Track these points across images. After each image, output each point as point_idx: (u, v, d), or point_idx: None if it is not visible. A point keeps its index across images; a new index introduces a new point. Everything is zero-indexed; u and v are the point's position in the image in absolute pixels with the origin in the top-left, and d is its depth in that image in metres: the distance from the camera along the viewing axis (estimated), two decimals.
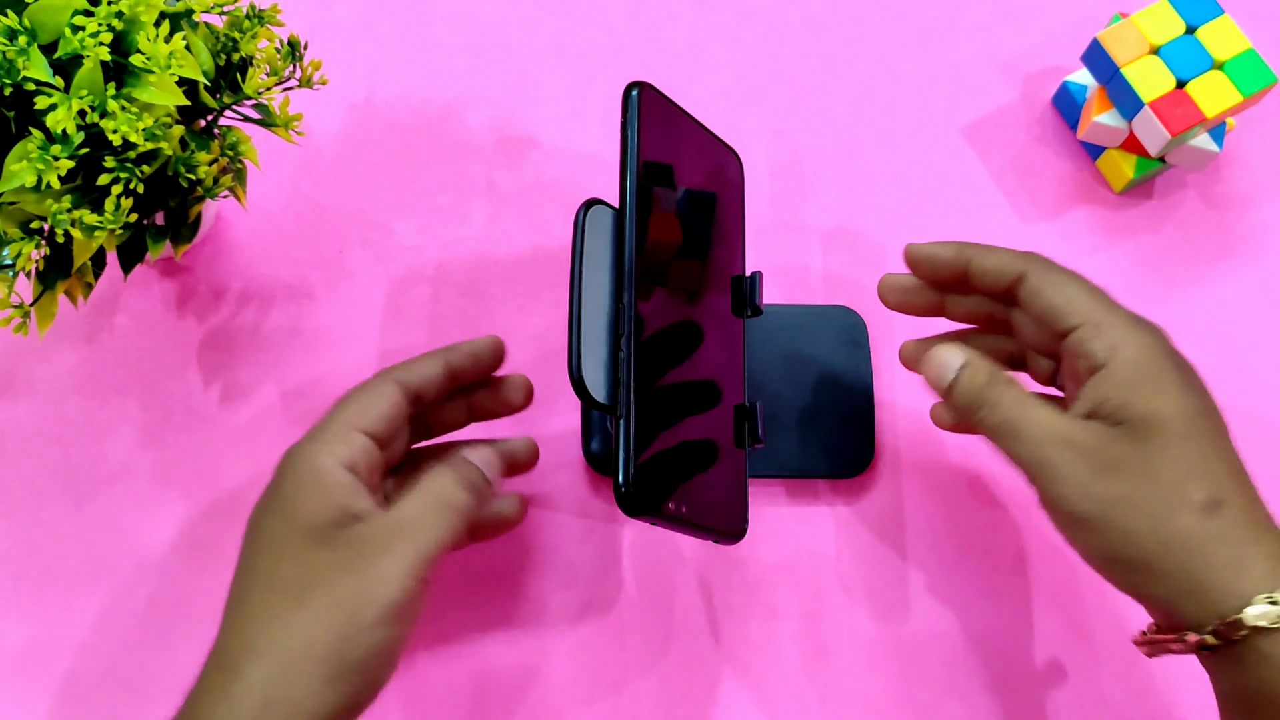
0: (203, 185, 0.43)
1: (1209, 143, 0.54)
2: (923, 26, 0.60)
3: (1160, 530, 0.34)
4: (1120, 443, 0.35)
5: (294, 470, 0.38)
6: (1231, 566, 0.33)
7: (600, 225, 0.40)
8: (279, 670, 0.33)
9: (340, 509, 0.36)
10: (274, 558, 0.36)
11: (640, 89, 0.40)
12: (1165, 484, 0.34)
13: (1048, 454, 0.36)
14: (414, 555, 0.35)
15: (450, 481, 0.38)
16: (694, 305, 0.43)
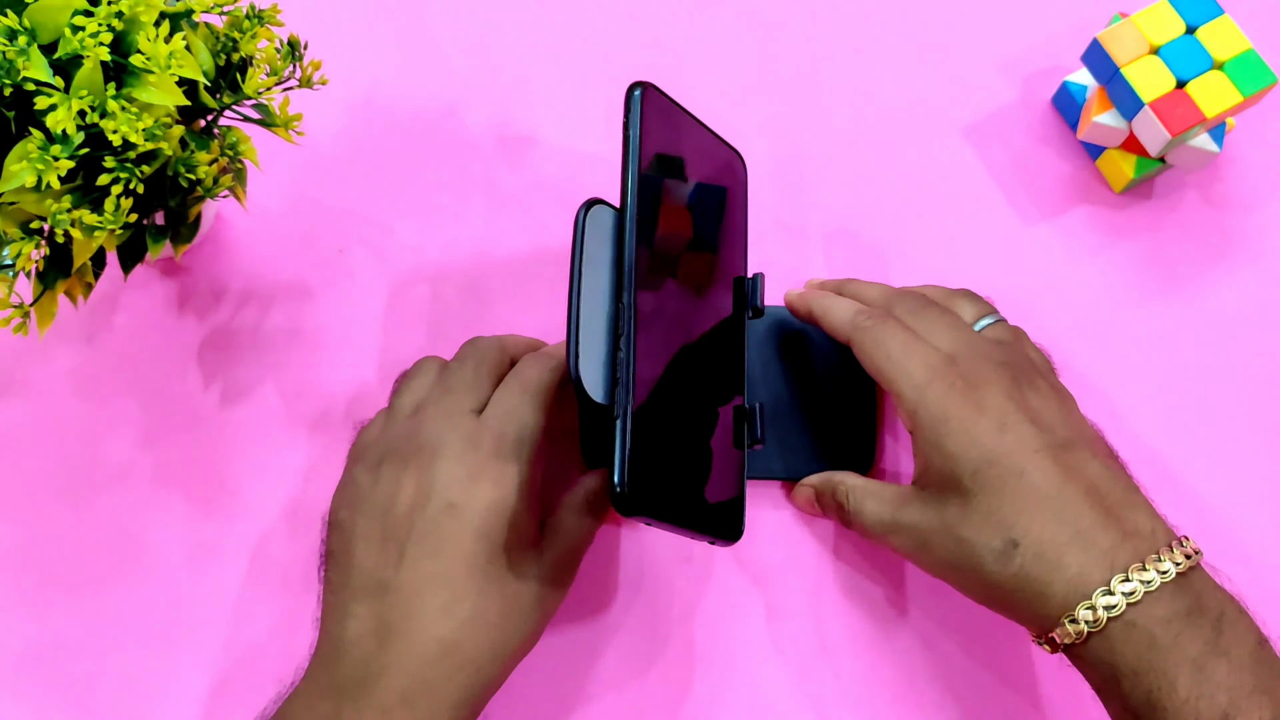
0: (203, 185, 0.43)
1: (1209, 143, 0.54)
2: (923, 26, 0.60)
3: (979, 579, 0.39)
4: (930, 512, 0.40)
5: (507, 495, 0.41)
6: (1038, 599, 0.38)
7: (601, 225, 0.40)
8: (488, 680, 0.39)
9: (521, 540, 0.41)
10: (471, 568, 0.39)
11: (643, 89, 0.40)
12: (966, 541, 0.39)
13: (889, 542, 0.43)
14: (554, 606, 0.43)
15: (584, 533, 0.44)
16: (695, 305, 0.43)
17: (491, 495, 0.40)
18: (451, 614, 0.38)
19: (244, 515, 0.50)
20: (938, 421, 0.40)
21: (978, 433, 0.39)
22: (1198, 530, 0.51)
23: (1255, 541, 0.52)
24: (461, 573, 0.39)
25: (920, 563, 0.42)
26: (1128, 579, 0.36)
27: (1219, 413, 0.53)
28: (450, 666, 0.38)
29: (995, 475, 0.39)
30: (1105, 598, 0.36)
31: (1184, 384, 0.54)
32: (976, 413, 0.40)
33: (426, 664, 0.38)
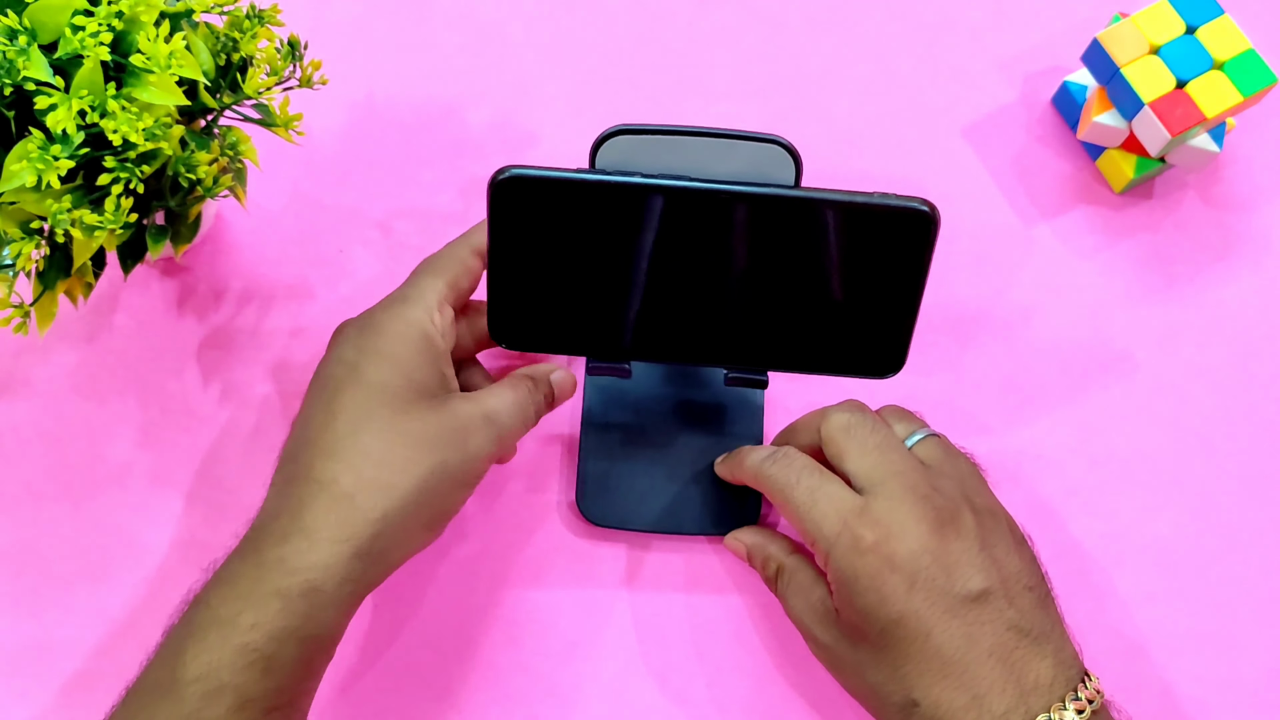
0: (203, 185, 0.43)
1: (1209, 143, 0.54)
2: (923, 26, 0.60)
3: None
4: (844, 644, 0.41)
5: (403, 332, 0.41)
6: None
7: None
8: (397, 510, 0.39)
9: (445, 377, 0.42)
10: (391, 411, 0.40)
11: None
12: (872, 686, 0.40)
13: (805, 639, 0.44)
14: (497, 443, 0.42)
15: (528, 395, 0.44)
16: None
17: (378, 340, 0.41)
18: (335, 454, 0.39)
19: (244, 515, 0.50)
20: (848, 578, 0.40)
21: (886, 592, 0.39)
22: (1198, 531, 0.51)
23: (1256, 541, 0.52)
24: (344, 418, 0.40)
25: (830, 672, 0.44)
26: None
27: (1219, 413, 0.53)
28: (325, 502, 0.39)
29: (901, 636, 0.39)
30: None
31: (1184, 384, 0.54)
32: (887, 570, 0.39)
33: (302, 503, 0.39)
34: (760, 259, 0.42)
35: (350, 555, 0.38)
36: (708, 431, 0.50)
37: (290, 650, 0.37)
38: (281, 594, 0.37)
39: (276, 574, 0.37)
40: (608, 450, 0.50)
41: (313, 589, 0.37)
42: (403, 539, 0.40)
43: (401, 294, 0.43)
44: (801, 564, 0.44)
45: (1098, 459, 0.52)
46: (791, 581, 0.44)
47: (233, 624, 0.37)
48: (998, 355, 0.54)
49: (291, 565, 0.37)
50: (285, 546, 0.38)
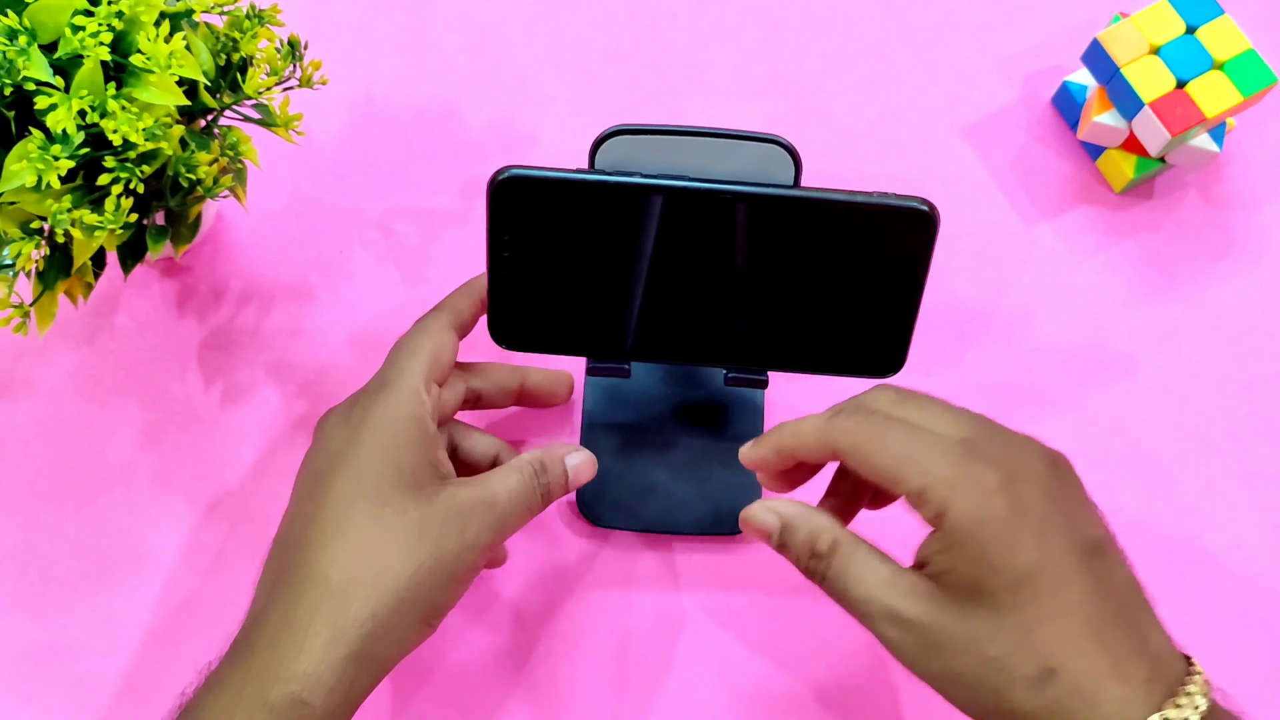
0: (203, 185, 0.43)
1: (1209, 143, 0.54)
2: (923, 26, 0.60)
3: (997, 705, 0.34)
4: (947, 615, 0.34)
5: (389, 419, 0.40)
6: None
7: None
8: (388, 607, 0.37)
9: (436, 463, 0.41)
10: (378, 503, 0.38)
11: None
12: (994, 660, 0.33)
13: (878, 629, 0.35)
14: (497, 532, 0.40)
15: (533, 478, 0.41)
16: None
17: (363, 430, 0.40)
18: (323, 550, 0.38)
19: (244, 515, 0.50)
20: (975, 526, 0.34)
21: (1019, 539, 0.33)
22: (1199, 531, 0.51)
23: (1257, 541, 0.52)
24: (332, 511, 0.38)
25: (912, 665, 0.35)
26: (1167, 717, 0.32)
27: (1219, 413, 0.53)
28: (313, 600, 0.37)
29: (1036, 591, 0.33)
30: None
31: (1184, 384, 0.54)
32: (1019, 515, 0.34)
33: (291, 603, 0.37)
34: (760, 259, 0.42)
35: (342, 659, 0.36)
36: (708, 431, 0.50)
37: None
38: (268, 707, 0.35)
39: (263, 682, 0.36)
40: (608, 450, 0.50)
41: (299, 702, 0.35)
42: (396, 637, 0.38)
43: (382, 379, 0.42)
44: (858, 538, 0.37)
45: (1098, 459, 0.52)
46: (854, 557, 0.36)
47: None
48: (998, 355, 0.54)
49: (277, 673, 0.36)
50: (273, 651, 0.36)
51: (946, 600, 0.34)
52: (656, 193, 0.41)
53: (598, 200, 0.41)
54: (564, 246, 0.42)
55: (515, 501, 0.40)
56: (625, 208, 0.41)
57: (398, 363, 0.42)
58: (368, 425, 0.40)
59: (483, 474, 0.41)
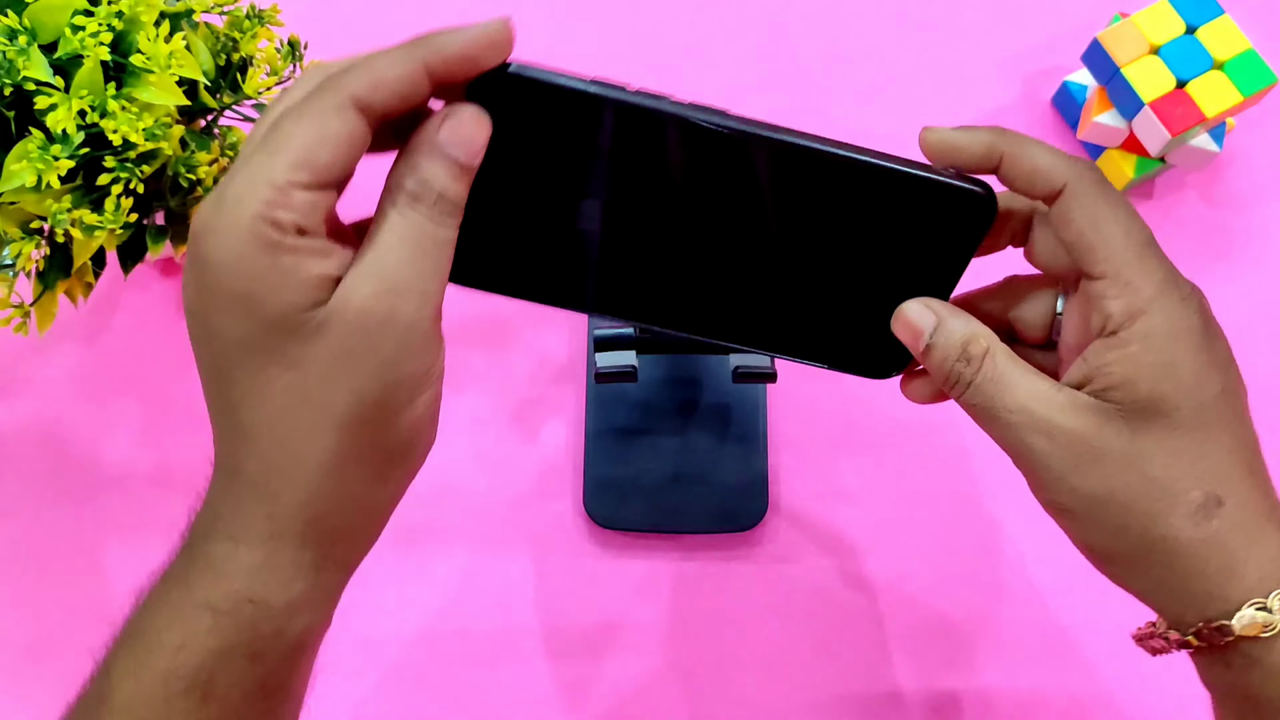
0: (203, 185, 0.43)
1: (1209, 143, 0.54)
2: (923, 26, 0.60)
3: (1149, 530, 0.31)
4: (1110, 429, 0.31)
5: (232, 256, 0.27)
6: (1224, 572, 0.31)
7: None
8: (324, 483, 0.29)
9: (316, 283, 0.28)
10: (256, 368, 0.29)
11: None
12: (1158, 482, 0.31)
13: (1026, 440, 0.32)
14: (424, 309, 0.29)
15: (424, 219, 0.29)
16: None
17: (206, 275, 0.28)
18: (227, 439, 0.31)
19: None
20: (1176, 333, 0.31)
21: (1213, 359, 0.32)
22: None
23: None
24: (216, 392, 0.30)
25: (1060, 486, 0.32)
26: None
27: None
28: (237, 496, 0.30)
29: (1218, 416, 0.31)
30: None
31: None
32: (1212, 338, 0.32)
33: (217, 498, 0.31)
34: (784, 219, 0.36)
35: (292, 552, 0.30)
36: (711, 431, 0.50)
37: (237, 672, 0.30)
38: (210, 607, 0.30)
39: (205, 580, 0.30)
40: (613, 453, 0.50)
41: (247, 600, 0.30)
42: (357, 506, 0.31)
43: (222, 190, 0.27)
44: (1010, 350, 0.33)
45: None
46: (1011, 364, 0.32)
47: (157, 641, 0.30)
48: None
49: (220, 570, 0.30)
50: (211, 546, 0.30)
51: (1113, 414, 0.31)
52: (675, 123, 0.34)
53: (605, 120, 0.34)
54: (553, 170, 0.34)
55: (419, 260, 0.28)
56: (634, 134, 0.34)
57: (248, 161, 0.28)
58: (209, 271, 0.28)
59: (362, 246, 0.29)
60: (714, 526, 0.49)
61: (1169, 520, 0.31)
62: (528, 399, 0.52)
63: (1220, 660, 0.31)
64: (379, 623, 0.49)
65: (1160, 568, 0.31)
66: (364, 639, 0.48)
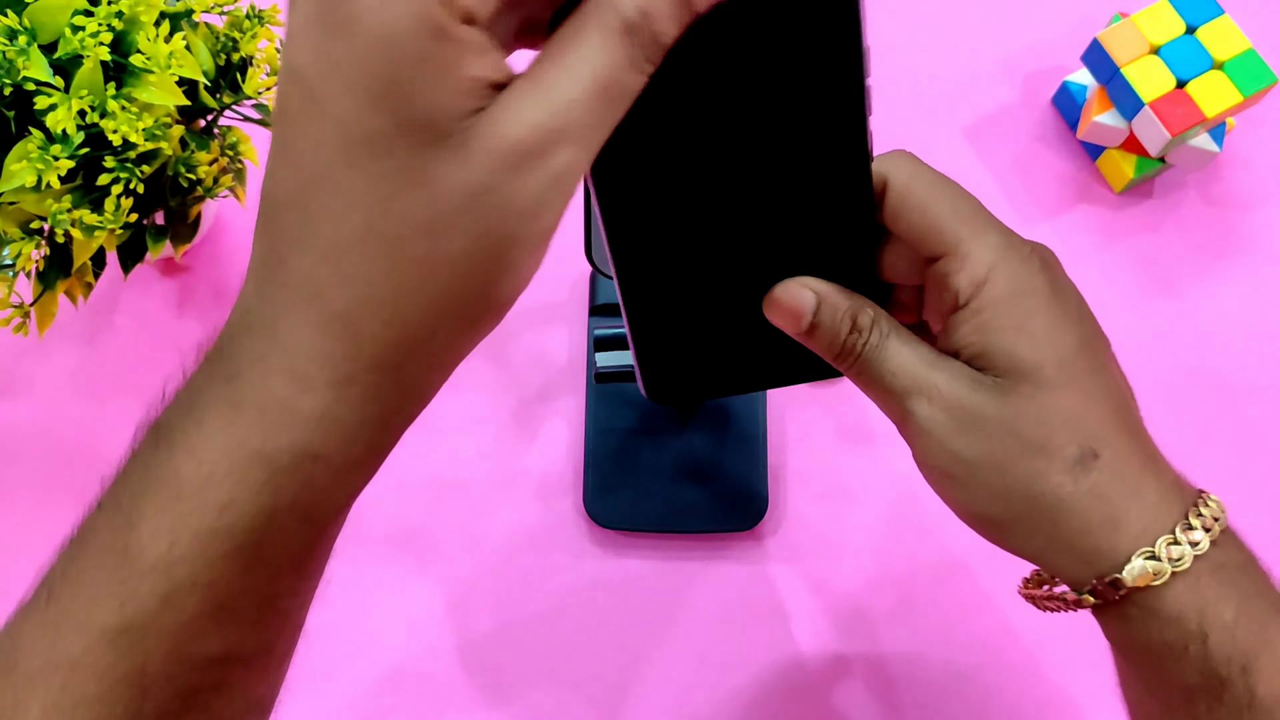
0: (203, 185, 0.43)
1: (1209, 143, 0.54)
2: (923, 26, 0.60)
3: (1030, 490, 0.31)
4: (982, 394, 0.31)
5: (389, 30, 0.22)
6: (1109, 525, 0.30)
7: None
8: (417, 331, 0.25)
9: (472, 85, 0.23)
10: (378, 173, 0.23)
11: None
12: (1032, 440, 0.31)
13: (910, 406, 0.31)
14: (577, 167, 0.24)
15: (619, 41, 0.24)
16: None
17: (348, 45, 0.22)
18: (306, 251, 0.25)
19: None
20: (1021, 294, 0.31)
21: (1064, 313, 0.31)
22: None
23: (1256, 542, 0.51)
24: (311, 187, 0.24)
25: (941, 450, 0.32)
26: (1200, 514, 0.30)
27: (1219, 412, 0.53)
28: (315, 325, 0.25)
29: (1082, 370, 0.31)
30: (1189, 533, 0.30)
31: (1184, 384, 0.54)
32: (1059, 294, 0.32)
33: (279, 322, 0.26)
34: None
35: (360, 402, 0.25)
36: (711, 431, 0.50)
37: (286, 533, 0.26)
38: (267, 460, 0.26)
39: (258, 427, 0.26)
40: (613, 452, 0.50)
41: (309, 456, 0.26)
42: (436, 360, 0.26)
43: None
44: (897, 321, 0.33)
45: None
46: (897, 333, 0.33)
47: (199, 498, 0.26)
48: None
49: (277, 417, 0.25)
50: (267, 385, 0.26)
51: (983, 380, 0.31)
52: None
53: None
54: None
55: (599, 107, 0.24)
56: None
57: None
58: (355, 40, 0.22)
59: (540, 62, 0.24)
60: (714, 526, 0.49)
61: (1048, 478, 0.30)
62: (528, 399, 0.52)
63: (1118, 615, 0.31)
64: (379, 622, 0.49)
65: (1047, 527, 0.31)
66: (364, 639, 0.48)
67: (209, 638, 0.27)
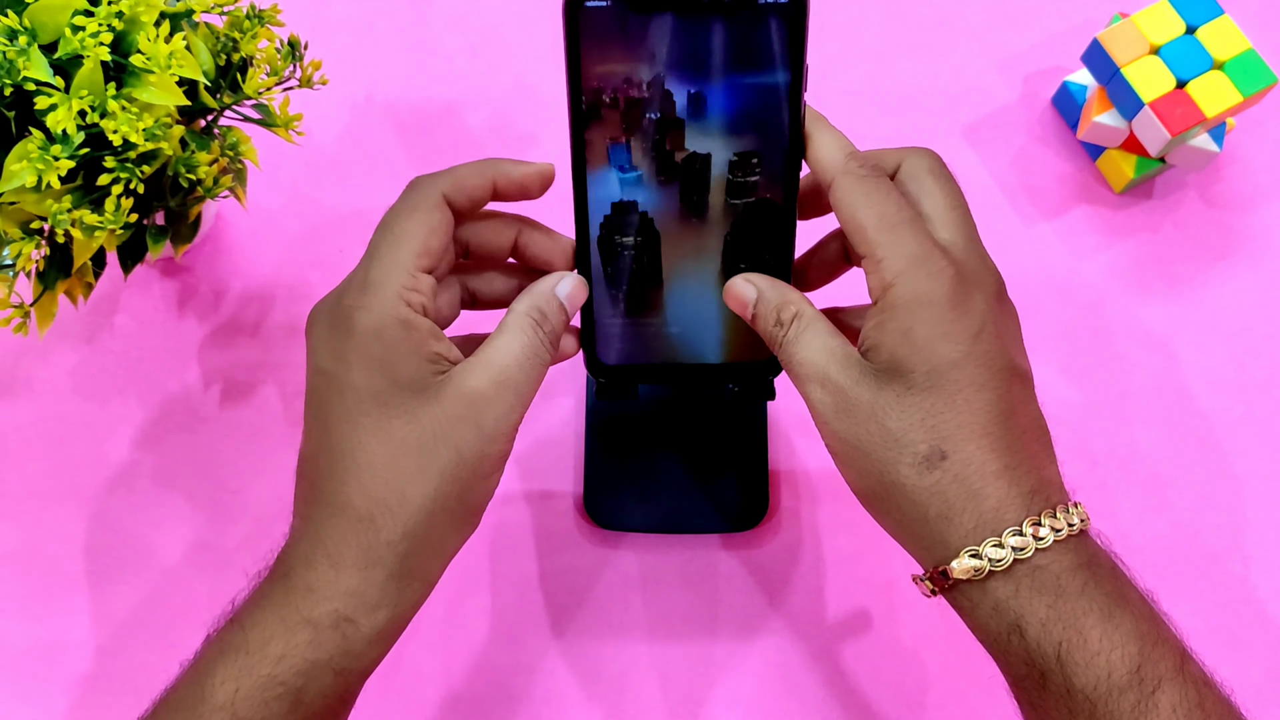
0: (203, 185, 0.43)
1: (1209, 143, 0.54)
2: (923, 26, 0.60)
3: (884, 476, 0.35)
4: (863, 384, 0.36)
5: (375, 327, 0.36)
6: (942, 519, 0.34)
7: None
8: (420, 523, 0.35)
9: (434, 358, 0.36)
10: (383, 418, 0.35)
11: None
12: (891, 433, 0.35)
13: (807, 389, 0.37)
14: (518, 407, 0.36)
15: (534, 332, 0.38)
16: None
17: (350, 342, 0.36)
18: (341, 477, 0.35)
19: (244, 515, 0.50)
20: (915, 304, 0.35)
21: (953, 330, 0.35)
22: (1199, 531, 0.51)
23: (1255, 543, 0.51)
24: (338, 435, 0.36)
25: (827, 430, 0.37)
26: (1040, 523, 0.34)
27: (1219, 413, 0.53)
28: (341, 528, 0.35)
29: (952, 380, 0.35)
30: (1015, 538, 0.33)
31: (1183, 384, 0.54)
32: (958, 311, 0.35)
33: (321, 529, 0.35)
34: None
35: (383, 580, 0.35)
36: (711, 431, 0.50)
37: (323, 684, 0.34)
38: (312, 624, 0.34)
39: (306, 601, 0.35)
40: (613, 452, 0.50)
41: (344, 619, 0.34)
42: (436, 549, 0.37)
43: (365, 276, 0.37)
44: (820, 314, 0.39)
45: (1098, 459, 0.52)
46: (809, 327, 0.38)
47: (261, 653, 0.34)
48: None
49: (320, 592, 0.35)
50: (312, 572, 0.35)
51: (869, 372, 0.36)
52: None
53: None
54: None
55: (526, 369, 0.37)
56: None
57: (380, 254, 0.37)
58: (354, 339, 0.36)
59: (483, 346, 0.37)
60: (714, 526, 0.49)
61: (898, 467, 0.35)
62: None
63: (952, 600, 0.35)
64: None
65: (896, 510, 0.36)
66: None
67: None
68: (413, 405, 0.36)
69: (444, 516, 0.36)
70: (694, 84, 0.37)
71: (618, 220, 0.40)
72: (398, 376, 0.36)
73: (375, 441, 0.35)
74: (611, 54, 0.36)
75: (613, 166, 0.38)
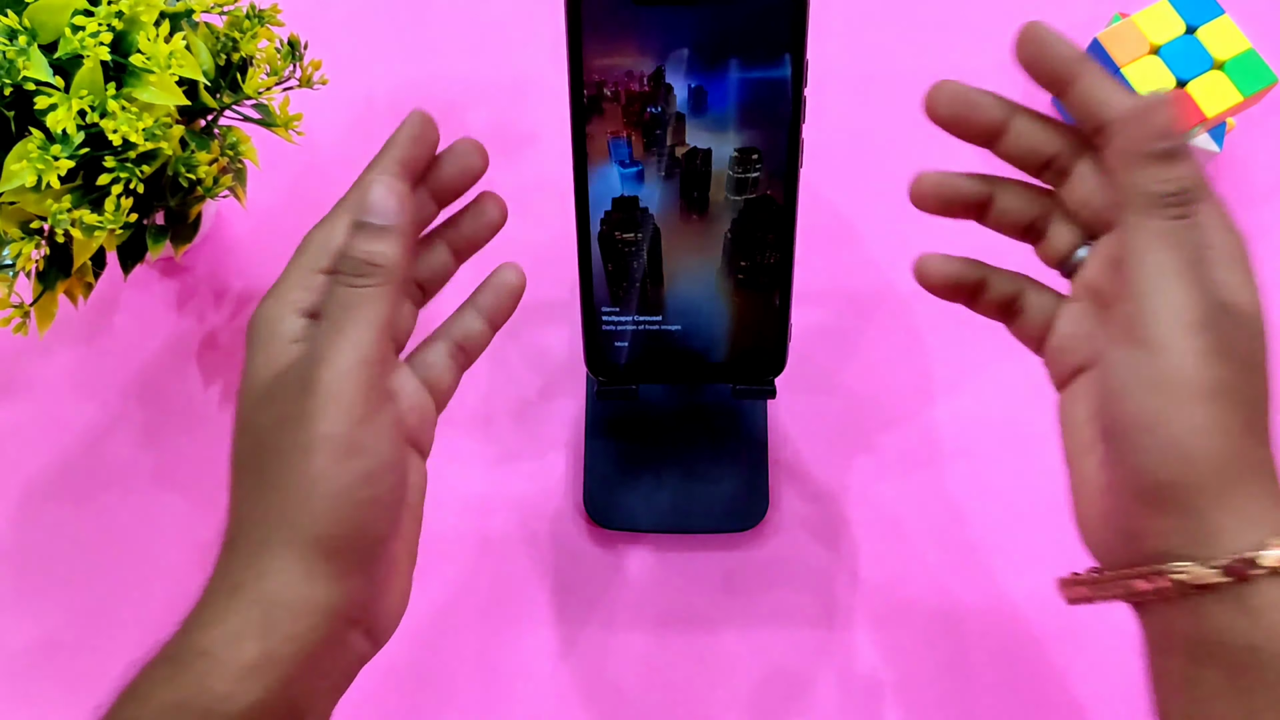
0: (203, 185, 0.43)
1: (1209, 143, 0.54)
2: (923, 26, 0.60)
3: (1227, 449, 0.29)
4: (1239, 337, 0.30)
5: (254, 336, 0.33)
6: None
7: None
8: (277, 573, 0.31)
9: (294, 357, 0.32)
10: (240, 440, 0.32)
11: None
12: (1250, 404, 0.30)
13: (1064, 360, 0.35)
14: (352, 353, 0.31)
15: (355, 258, 0.34)
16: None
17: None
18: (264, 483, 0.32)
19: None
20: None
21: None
22: None
23: None
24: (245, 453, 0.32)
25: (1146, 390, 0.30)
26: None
27: None
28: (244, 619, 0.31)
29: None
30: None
31: None
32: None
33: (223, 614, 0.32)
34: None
35: (322, 568, 0.31)
36: (711, 431, 0.50)
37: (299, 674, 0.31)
38: (259, 603, 0.31)
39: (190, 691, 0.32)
40: (613, 452, 0.50)
41: (302, 605, 0.31)
42: (373, 545, 0.32)
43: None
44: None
45: None
46: (1045, 296, 0.37)
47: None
48: (997, 355, 0.54)
49: (200, 685, 0.32)
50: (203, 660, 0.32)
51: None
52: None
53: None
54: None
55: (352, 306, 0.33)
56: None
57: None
58: (245, 361, 0.32)
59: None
60: (714, 526, 0.49)
61: (1245, 440, 0.29)
62: (528, 398, 0.52)
63: (1205, 608, 0.30)
64: None
65: (1213, 493, 0.29)
66: None
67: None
68: (261, 419, 0.33)
69: (374, 510, 0.32)
70: (695, 78, 0.37)
71: (618, 216, 0.39)
72: (255, 389, 0.33)
73: (239, 477, 0.34)
74: (613, 47, 0.36)
75: (614, 161, 0.38)
